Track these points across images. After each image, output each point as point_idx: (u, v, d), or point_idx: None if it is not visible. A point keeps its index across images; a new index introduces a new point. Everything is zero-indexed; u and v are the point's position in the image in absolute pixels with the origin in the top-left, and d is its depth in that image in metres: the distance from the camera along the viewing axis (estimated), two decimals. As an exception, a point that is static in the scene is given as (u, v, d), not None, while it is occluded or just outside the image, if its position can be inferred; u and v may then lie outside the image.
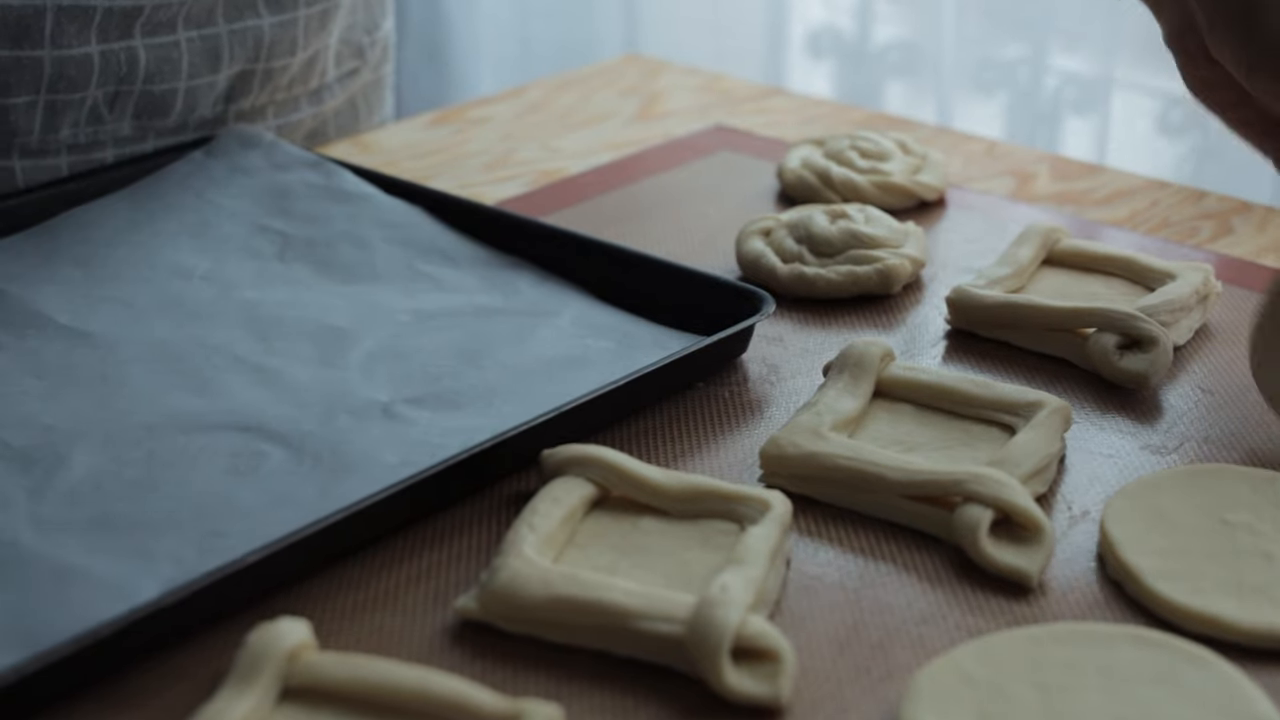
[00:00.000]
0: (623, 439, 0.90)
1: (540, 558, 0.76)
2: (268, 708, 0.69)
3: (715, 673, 0.70)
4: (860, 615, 0.77)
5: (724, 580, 0.73)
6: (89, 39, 1.13)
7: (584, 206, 1.21)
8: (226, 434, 0.89)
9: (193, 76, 1.20)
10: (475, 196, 1.18)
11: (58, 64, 1.13)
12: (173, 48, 1.18)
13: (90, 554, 0.79)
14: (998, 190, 1.25)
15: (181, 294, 1.04)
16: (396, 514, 0.82)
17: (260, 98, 1.26)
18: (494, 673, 0.73)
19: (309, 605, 0.78)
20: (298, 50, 1.26)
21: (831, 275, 1.05)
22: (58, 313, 1.01)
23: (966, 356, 0.99)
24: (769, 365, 0.98)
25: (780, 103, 1.46)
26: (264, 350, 0.97)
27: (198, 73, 1.20)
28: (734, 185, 1.25)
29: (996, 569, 0.79)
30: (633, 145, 1.34)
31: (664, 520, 0.81)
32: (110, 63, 1.15)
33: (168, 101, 1.20)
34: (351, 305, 1.03)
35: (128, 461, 0.87)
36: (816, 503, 0.85)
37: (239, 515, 0.82)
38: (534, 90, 1.48)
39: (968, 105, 2.27)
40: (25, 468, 0.86)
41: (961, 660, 0.71)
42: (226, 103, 1.24)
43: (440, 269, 1.07)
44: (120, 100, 1.18)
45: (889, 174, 1.19)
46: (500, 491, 0.86)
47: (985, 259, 1.11)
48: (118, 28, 1.14)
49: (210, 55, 1.20)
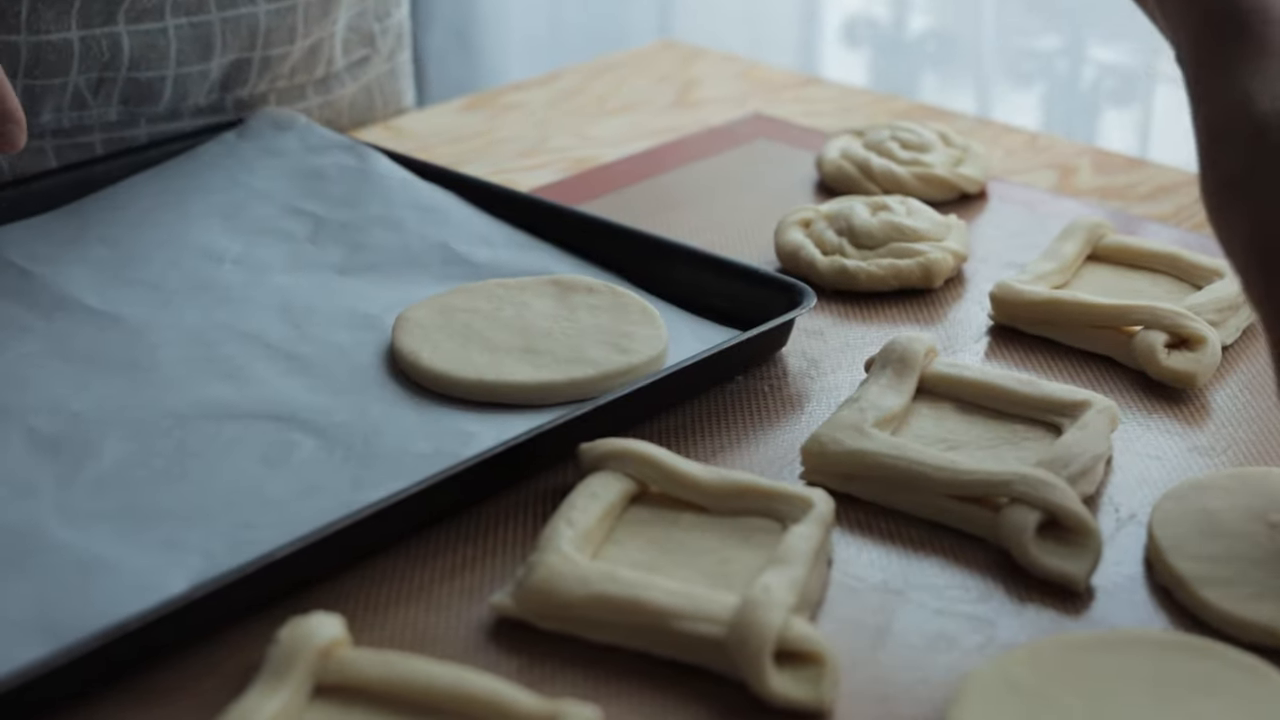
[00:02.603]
0: (660, 433, 0.89)
1: (578, 554, 0.74)
2: (300, 705, 0.68)
3: (758, 676, 0.69)
4: (903, 617, 0.75)
5: (766, 581, 0.71)
6: (68, 24, 1.11)
7: (619, 195, 1.20)
8: (258, 423, 0.88)
9: (181, 64, 1.18)
10: (509, 183, 1.16)
11: (35, 49, 1.11)
12: (159, 35, 1.16)
13: (118, 545, 0.78)
14: (1039, 183, 1.23)
15: (212, 278, 1.02)
16: (431, 507, 0.80)
17: (259, 86, 1.23)
18: (530, 671, 0.72)
19: (341, 599, 0.76)
20: (297, 38, 1.23)
21: (873, 268, 1.03)
22: (87, 295, 1.00)
23: (1009, 353, 0.98)
24: (809, 359, 0.96)
25: (818, 91, 1.44)
26: (297, 337, 0.96)
27: (187, 60, 1.18)
28: (771, 175, 1.24)
29: (1043, 572, 0.77)
30: (668, 133, 1.32)
31: (703, 517, 0.80)
32: (91, 49, 1.13)
33: (155, 88, 1.17)
34: (385, 291, 1.01)
35: (157, 450, 0.86)
36: (858, 501, 0.83)
37: (269, 506, 0.81)
38: (567, 76, 1.46)
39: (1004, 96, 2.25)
40: (53, 455, 0.85)
41: (1008, 666, 0.70)
42: (222, 90, 1.21)
43: (474, 255, 1.05)
44: (105, 86, 1.15)
45: (930, 166, 1.17)
46: (536, 485, 0.85)
47: (1027, 254, 1.09)
48: (100, 14, 1.12)
49: (201, 43, 1.18)
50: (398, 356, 0.93)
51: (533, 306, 0.97)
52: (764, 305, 0.96)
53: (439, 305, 0.97)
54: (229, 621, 0.74)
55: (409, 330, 0.94)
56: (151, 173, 1.13)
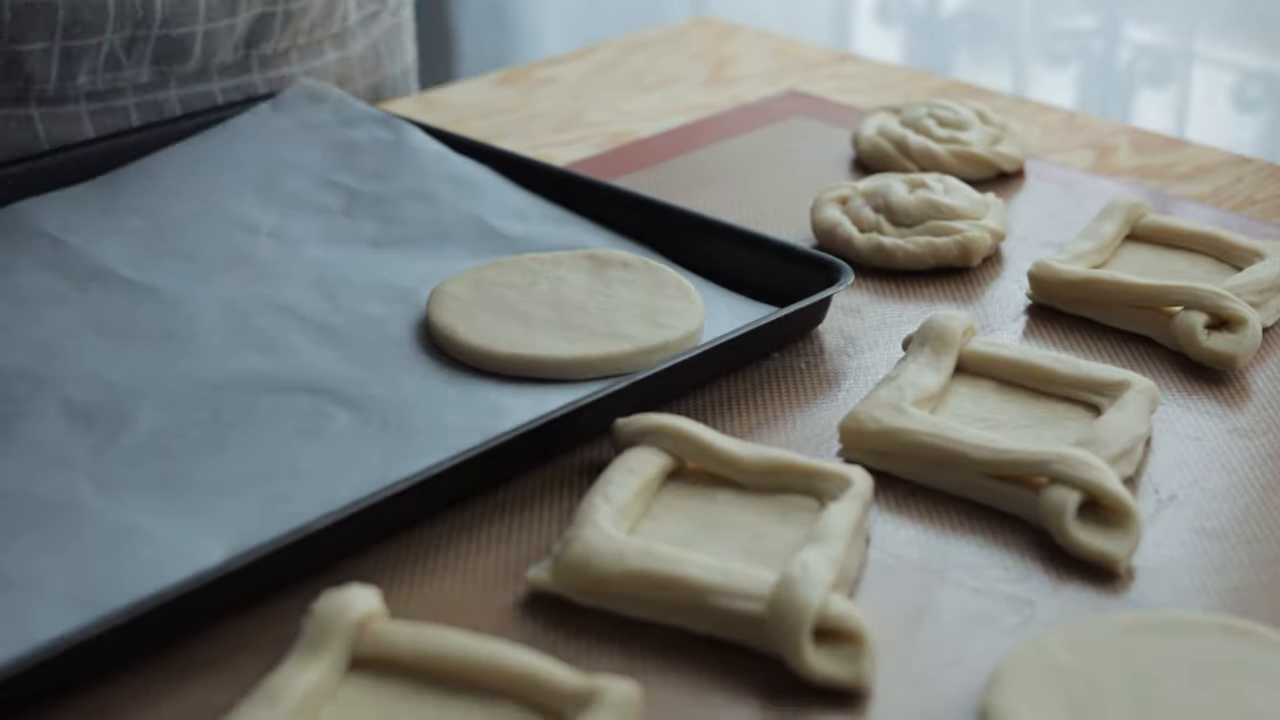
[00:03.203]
0: (696, 409, 0.88)
1: (615, 530, 0.74)
2: (336, 678, 0.67)
3: (796, 653, 0.68)
4: (941, 596, 0.75)
5: (805, 558, 0.71)
6: None
7: (654, 170, 1.19)
8: (293, 395, 0.87)
9: (210, 19, 1.17)
10: (544, 158, 1.16)
11: (72, 9, 1.11)
12: None
13: (153, 515, 0.78)
14: (1077, 163, 1.22)
15: (247, 250, 1.02)
16: (467, 481, 0.80)
17: (282, 41, 1.23)
18: (566, 646, 0.71)
19: (375, 573, 0.76)
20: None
21: (910, 246, 1.03)
22: (121, 266, 1.00)
23: (1047, 332, 0.97)
24: (845, 337, 0.96)
25: (852, 68, 1.43)
26: (331, 310, 0.96)
27: (215, 15, 1.18)
28: (807, 152, 1.23)
29: (1084, 553, 0.76)
30: (703, 109, 1.32)
31: (740, 494, 0.79)
32: (125, 6, 1.13)
33: (186, 45, 1.17)
34: (419, 265, 1.01)
35: (192, 421, 0.85)
36: (895, 479, 0.83)
37: (305, 478, 0.81)
38: (603, 51, 1.45)
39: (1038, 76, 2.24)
40: (88, 425, 0.85)
41: (1049, 646, 0.69)
42: (247, 47, 1.21)
43: (509, 229, 1.05)
44: (137, 45, 1.15)
45: (968, 144, 1.17)
46: (572, 460, 0.84)
47: (1065, 233, 1.08)
48: None
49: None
50: (433, 330, 0.92)
51: (568, 281, 0.96)
52: (801, 282, 0.95)
53: (474, 279, 0.96)
54: (264, 594, 0.74)
55: (444, 304, 0.94)
56: (186, 144, 1.13)
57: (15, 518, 0.77)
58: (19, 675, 0.66)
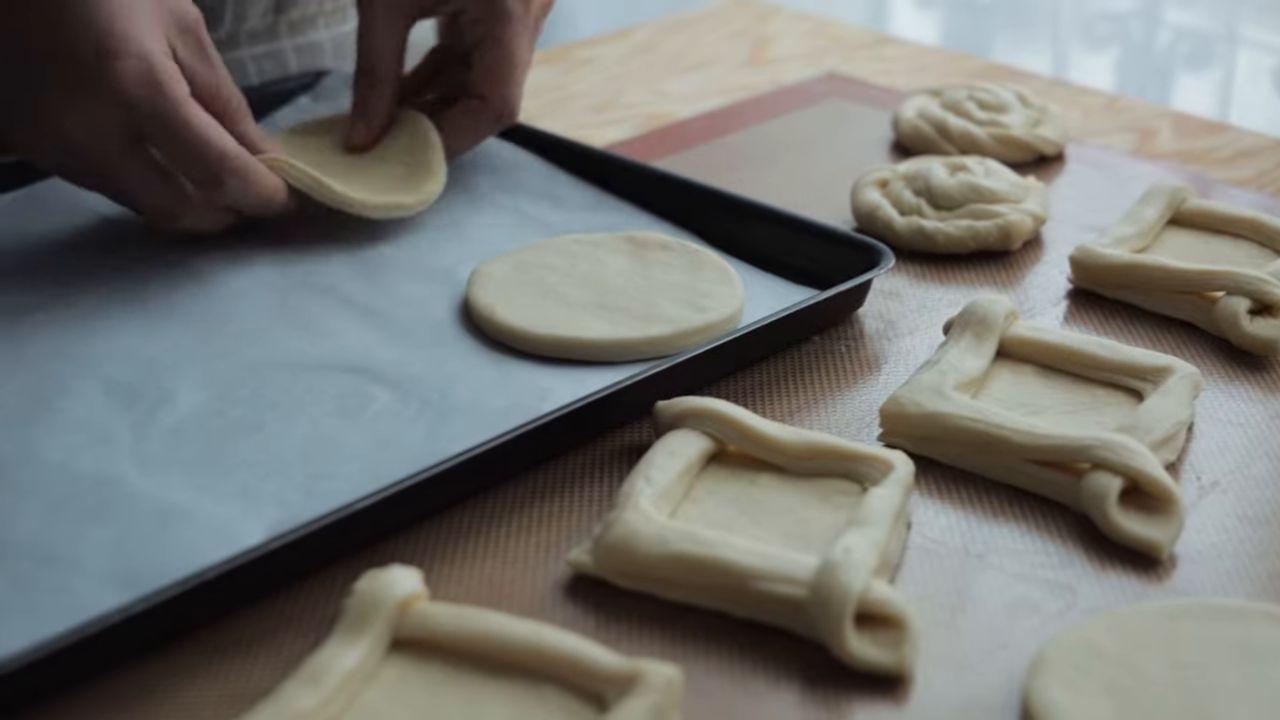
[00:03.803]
0: (736, 393, 0.88)
1: (657, 513, 0.74)
2: (378, 658, 0.67)
3: (838, 638, 0.68)
4: (983, 581, 0.75)
5: (847, 542, 0.71)
6: None
7: (693, 152, 1.19)
8: (333, 374, 0.87)
9: None
10: (582, 139, 1.16)
11: None
12: None
13: (194, 494, 0.78)
14: (1118, 146, 1.21)
15: (287, 231, 1.02)
16: (508, 461, 0.80)
17: (309, 6, 1.23)
18: (607, 629, 0.71)
19: (417, 553, 0.76)
20: None
21: (951, 230, 1.02)
22: (163, 246, 1.00)
23: (1089, 317, 0.97)
24: (886, 320, 0.95)
25: (891, 50, 1.43)
26: (371, 291, 0.96)
27: None
28: (846, 134, 1.23)
29: (1126, 539, 0.76)
30: (742, 90, 1.31)
31: (781, 477, 0.79)
32: None
33: (217, 12, 1.17)
34: (458, 245, 1.01)
35: (233, 400, 0.85)
36: (936, 464, 0.83)
37: (345, 458, 0.81)
38: (641, 32, 1.45)
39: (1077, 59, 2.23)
40: (129, 403, 0.85)
41: (1091, 633, 0.69)
42: (276, 13, 1.21)
43: (548, 211, 1.05)
44: None
45: (1008, 127, 1.16)
46: (612, 442, 0.84)
47: (1106, 217, 1.08)
48: None
49: None
50: (473, 311, 0.92)
51: (608, 263, 0.96)
52: (841, 265, 0.95)
53: (514, 260, 0.96)
54: (305, 573, 0.74)
55: (484, 285, 0.94)
56: None
57: (57, 494, 0.77)
58: (62, 651, 0.66)
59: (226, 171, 0.92)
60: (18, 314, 0.92)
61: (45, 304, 0.93)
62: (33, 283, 0.95)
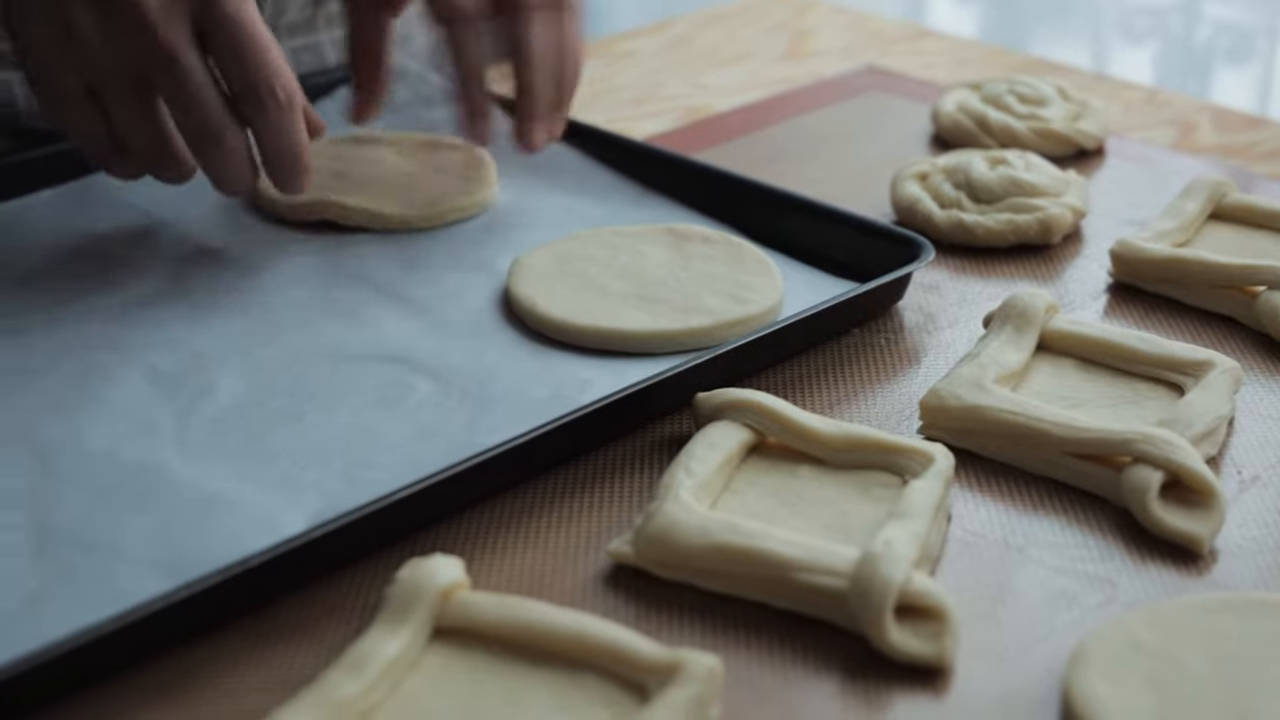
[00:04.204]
0: (775, 385, 0.88)
1: (697, 503, 0.74)
2: (420, 646, 0.68)
3: (878, 630, 0.68)
4: (1022, 574, 0.75)
5: (888, 534, 0.71)
6: None
7: (732, 145, 1.19)
8: (374, 364, 0.88)
9: None
10: (622, 131, 1.16)
11: None
12: None
13: (236, 482, 0.78)
14: (1158, 140, 1.21)
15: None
16: (549, 452, 0.80)
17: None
18: (647, 619, 0.72)
19: (457, 542, 0.76)
20: None
21: (991, 223, 1.02)
22: (203, 236, 1.01)
23: (1129, 311, 0.96)
24: (925, 314, 0.95)
25: (930, 44, 1.43)
26: (412, 282, 0.96)
27: None
28: (885, 127, 1.23)
29: (1166, 533, 0.76)
30: (781, 84, 1.32)
31: (821, 469, 0.79)
32: None
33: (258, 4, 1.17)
34: (497, 237, 1.01)
35: (275, 390, 0.86)
36: (976, 457, 0.83)
37: (386, 447, 0.81)
38: (680, 25, 1.45)
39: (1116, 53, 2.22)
40: (172, 392, 0.85)
41: (1132, 626, 0.69)
42: (314, 5, 1.21)
43: (588, 205, 1.05)
44: None
45: (1048, 120, 1.16)
46: (652, 434, 0.84)
47: (1146, 211, 1.08)
48: None
49: None
50: (513, 302, 0.93)
51: (648, 255, 0.96)
52: (880, 258, 0.95)
53: (555, 252, 0.97)
54: (347, 561, 0.75)
55: (524, 276, 0.94)
56: None
57: (102, 482, 0.78)
58: (107, 638, 0.67)
59: (277, 88, 0.89)
60: (65, 303, 0.93)
61: (91, 294, 0.93)
62: (79, 274, 0.96)
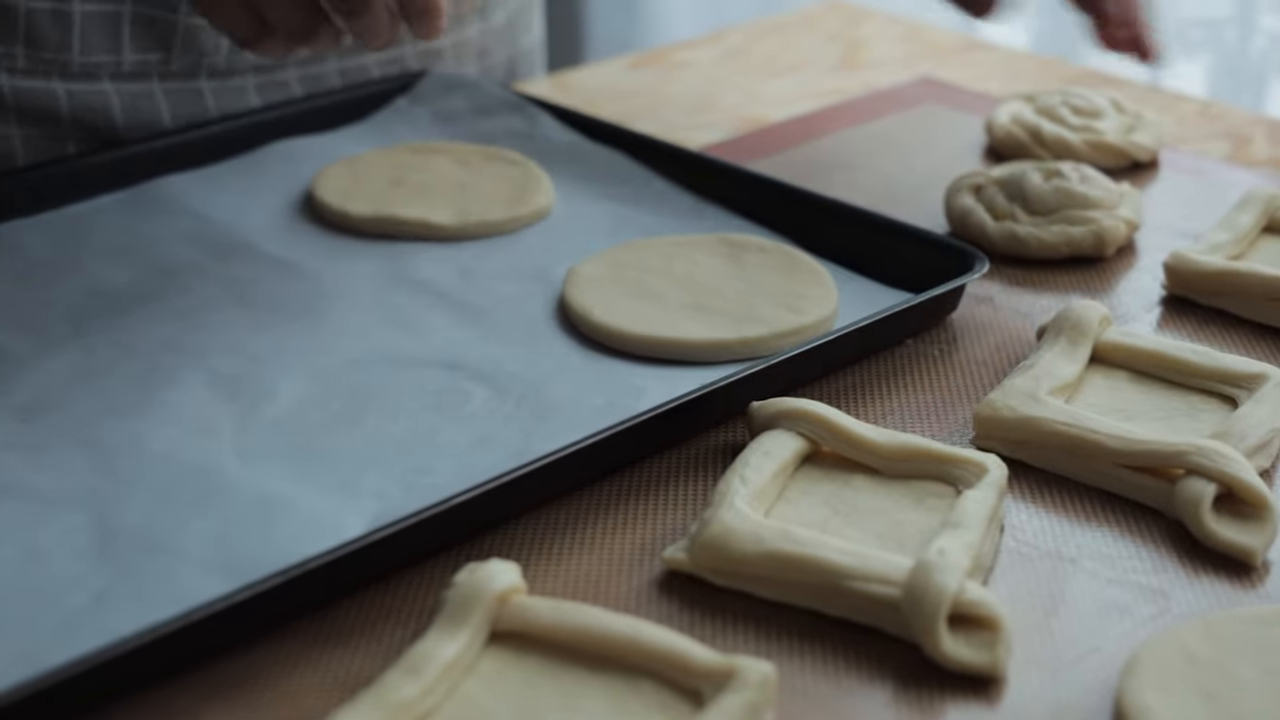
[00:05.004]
0: (829, 394, 0.89)
1: (752, 511, 0.75)
2: (477, 650, 0.68)
3: (932, 639, 0.68)
4: (1075, 585, 0.75)
5: (941, 544, 0.71)
6: None
7: (787, 155, 1.19)
8: (431, 370, 0.89)
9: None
10: (677, 141, 1.17)
11: None
12: None
13: (295, 486, 0.79)
14: (1213, 153, 1.21)
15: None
16: (605, 459, 0.81)
17: None
18: (701, 626, 0.72)
19: (513, 547, 0.77)
20: None
21: (1045, 235, 1.02)
22: (263, 242, 1.02)
23: (1183, 324, 0.97)
24: (978, 325, 0.96)
25: (984, 55, 1.43)
26: (468, 289, 0.97)
27: None
28: (939, 139, 1.23)
29: (1219, 545, 0.76)
30: (835, 94, 1.32)
31: (875, 479, 0.80)
32: None
33: None
34: (553, 245, 1.02)
35: (332, 394, 0.87)
36: (1029, 468, 0.83)
37: (443, 453, 0.82)
38: (734, 35, 1.46)
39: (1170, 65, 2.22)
40: (232, 396, 0.86)
41: (1185, 638, 0.69)
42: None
43: (643, 214, 1.06)
44: None
45: (1102, 133, 1.16)
46: (705, 442, 0.85)
47: (1200, 224, 1.08)
48: None
49: None
50: (569, 310, 0.93)
51: (703, 264, 0.97)
52: (934, 269, 0.95)
53: (610, 260, 0.97)
54: (404, 565, 0.75)
55: (580, 284, 0.95)
56: (329, 135, 1.15)
57: (163, 484, 0.79)
58: (169, 637, 0.67)
59: None
60: (128, 306, 0.94)
61: (152, 298, 0.95)
62: (140, 277, 0.97)
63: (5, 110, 1.12)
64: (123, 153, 1.09)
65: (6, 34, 1.10)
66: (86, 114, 1.13)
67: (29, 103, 1.12)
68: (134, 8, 1.11)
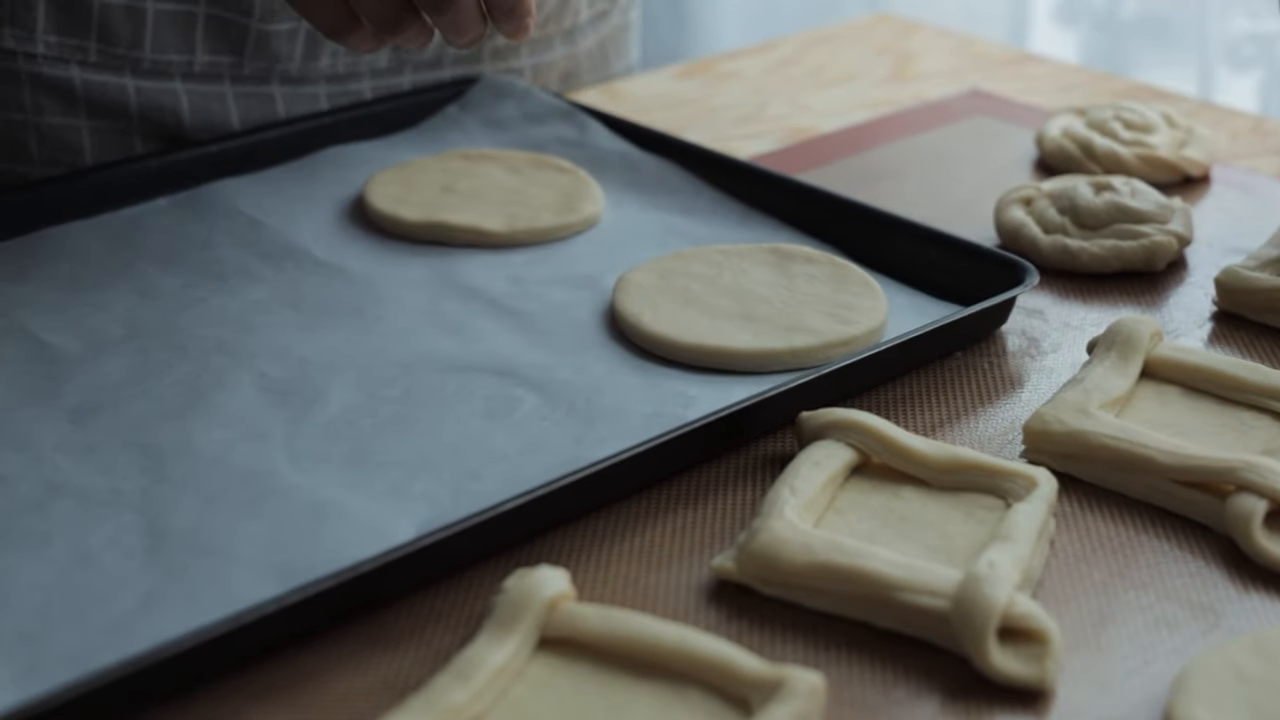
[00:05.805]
0: (878, 406, 0.89)
1: (801, 521, 0.75)
2: (526, 655, 0.69)
3: (981, 652, 0.68)
4: (1124, 600, 0.75)
5: (991, 557, 0.71)
6: None
7: (836, 166, 1.19)
8: (481, 376, 0.89)
9: None
10: (726, 151, 1.17)
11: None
12: None
13: (345, 490, 0.80)
14: (1265, 169, 1.21)
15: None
16: (654, 467, 0.81)
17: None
18: (749, 635, 0.72)
19: (562, 554, 0.77)
20: None
21: (1095, 249, 1.02)
22: (314, 247, 1.02)
23: (1234, 340, 0.96)
24: (1028, 338, 0.96)
25: (1034, 68, 1.42)
26: (518, 294, 0.97)
27: None
28: (989, 151, 1.23)
29: (1270, 562, 0.76)
30: (885, 106, 1.32)
31: (925, 491, 0.80)
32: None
33: None
34: (603, 252, 1.03)
35: (382, 399, 0.87)
36: (1079, 482, 0.83)
37: (493, 459, 0.82)
38: (783, 46, 1.46)
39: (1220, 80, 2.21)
40: (283, 399, 0.87)
41: (1235, 654, 0.69)
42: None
43: (691, 223, 1.06)
44: None
45: (1154, 147, 1.16)
46: (755, 452, 0.85)
47: (1252, 240, 1.07)
48: None
49: None
50: (618, 318, 0.93)
51: (752, 274, 0.97)
52: (984, 282, 0.95)
53: (659, 269, 0.97)
54: (454, 570, 0.76)
55: (630, 292, 0.95)
56: (381, 142, 1.16)
57: (214, 487, 0.80)
58: (220, 638, 0.68)
59: None
60: (179, 309, 0.94)
61: (203, 301, 0.95)
62: (191, 280, 0.98)
63: (75, 102, 1.13)
64: (178, 156, 1.09)
65: (79, 28, 1.11)
66: (155, 111, 1.14)
67: (99, 96, 1.13)
68: (208, 9, 1.12)
